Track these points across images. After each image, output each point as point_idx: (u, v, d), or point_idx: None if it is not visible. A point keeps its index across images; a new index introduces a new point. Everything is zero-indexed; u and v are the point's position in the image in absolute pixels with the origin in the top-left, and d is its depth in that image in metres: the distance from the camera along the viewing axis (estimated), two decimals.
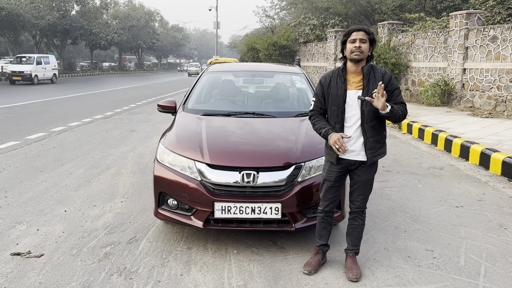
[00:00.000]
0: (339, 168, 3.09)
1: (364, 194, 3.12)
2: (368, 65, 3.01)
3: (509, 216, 4.41)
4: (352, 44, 2.94)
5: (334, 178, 3.11)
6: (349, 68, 3.04)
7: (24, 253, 3.45)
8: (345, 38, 3.00)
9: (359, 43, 2.91)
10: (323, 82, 3.12)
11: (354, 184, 3.12)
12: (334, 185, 3.14)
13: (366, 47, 2.93)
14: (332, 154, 3.07)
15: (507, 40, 10.33)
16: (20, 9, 31.35)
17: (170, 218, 3.58)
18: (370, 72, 2.99)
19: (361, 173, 3.07)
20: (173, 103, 4.77)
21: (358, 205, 3.15)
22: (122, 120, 11.33)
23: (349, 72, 3.04)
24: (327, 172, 3.14)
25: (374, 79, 2.96)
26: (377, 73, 2.99)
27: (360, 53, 2.91)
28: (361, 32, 2.93)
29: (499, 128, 8.59)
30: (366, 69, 2.99)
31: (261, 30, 36.00)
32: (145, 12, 57.39)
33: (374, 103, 2.84)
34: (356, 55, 2.92)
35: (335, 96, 3.02)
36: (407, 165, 6.50)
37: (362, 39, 2.92)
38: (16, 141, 8.09)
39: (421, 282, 3.07)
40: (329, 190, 3.15)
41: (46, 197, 4.87)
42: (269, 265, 3.30)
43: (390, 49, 14.76)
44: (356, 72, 3.01)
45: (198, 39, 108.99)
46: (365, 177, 3.08)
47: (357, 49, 2.91)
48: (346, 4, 22.01)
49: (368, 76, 2.98)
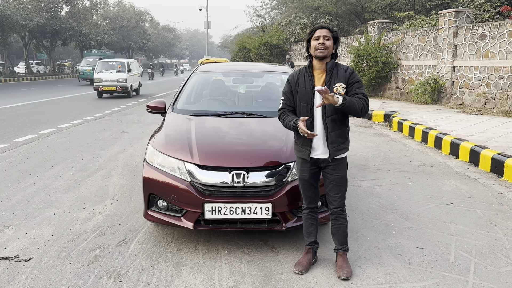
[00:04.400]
0: (310, 166, 3.14)
1: (340, 192, 3.15)
2: (332, 62, 3.07)
3: (499, 213, 4.44)
4: (316, 41, 3.01)
5: (308, 176, 3.16)
6: (315, 65, 3.10)
7: (12, 257, 3.41)
8: (309, 36, 3.07)
9: (323, 39, 2.98)
10: (291, 80, 3.18)
11: (329, 184, 3.15)
12: (310, 183, 3.18)
13: (330, 44, 3.00)
14: (304, 151, 3.11)
15: (496, 37, 10.42)
16: (9, 11, 31.03)
17: (160, 219, 3.56)
18: (334, 69, 3.06)
19: (332, 171, 3.11)
20: (162, 103, 4.74)
21: (337, 205, 3.17)
22: (112, 121, 11.25)
23: (315, 69, 3.10)
24: (301, 171, 3.19)
25: (337, 75, 3.04)
26: (340, 69, 3.07)
27: (324, 50, 2.98)
28: (324, 30, 3.02)
29: (489, 125, 8.66)
30: (330, 65, 3.06)
31: (252, 29, 35.97)
32: (135, 12, 57.10)
33: (323, 97, 2.86)
34: (320, 52, 2.99)
35: (304, 92, 3.07)
36: (398, 163, 6.53)
37: (325, 36, 3.00)
38: (4, 143, 8.01)
39: (411, 280, 3.08)
40: (307, 188, 3.20)
41: (35, 200, 4.82)
42: (260, 265, 3.29)
43: (380, 47, 14.82)
44: (321, 68, 3.08)
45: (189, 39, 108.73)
46: (337, 175, 3.11)
47: (321, 45, 2.97)
48: (336, 3, 22.05)
49: (331, 72, 3.05)
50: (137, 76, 19.98)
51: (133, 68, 19.73)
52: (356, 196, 4.92)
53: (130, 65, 19.15)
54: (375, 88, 15.57)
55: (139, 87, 20.42)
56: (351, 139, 3.27)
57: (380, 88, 15.63)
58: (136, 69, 20.11)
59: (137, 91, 20.18)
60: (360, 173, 5.90)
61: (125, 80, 17.93)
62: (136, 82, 19.90)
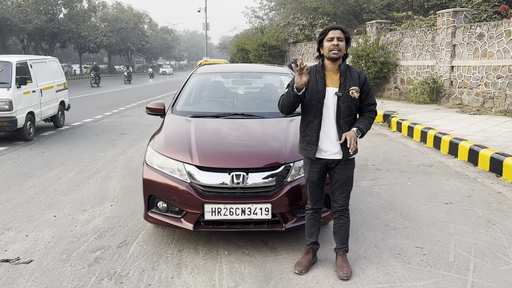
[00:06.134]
0: (319, 168, 3.14)
1: (345, 191, 3.17)
2: (344, 63, 3.09)
3: (498, 212, 4.45)
4: (330, 42, 3.00)
5: (316, 178, 3.16)
6: (327, 66, 3.10)
7: (12, 260, 3.42)
8: (322, 37, 3.06)
9: (337, 41, 2.98)
10: None
11: (335, 183, 3.16)
12: (317, 184, 3.19)
13: (343, 45, 3.01)
14: (309, 149, 3.11)
15: (494, 37, 10.44)
16: (7, 13, 31.06)
17: (160, 221, 3.57)
18: (347, 71, 3.08)
19: (340, 171, 3.12)
20: (161, 105, 4.75)
21: (341, 203, 3.19)
22: (112, 123, 11.26)
23: (327, 69, 3.10)
24: (308, 172, 3.19)
25: (351, 77, 3.06)
26: (353, 72, 3.09)
27: (338, 51, 2.99)
28: (338, 31, 3.01)
29: (487, 124, 8.68)
30: (343, 67, 3.08)
31: (250, 30, 36.03)
32: (133, 14, 57.09)
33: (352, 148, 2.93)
34: (334, 54, 2.99)
35: (315, 91, 3.07)
36: (397, 163, 6.54)
37: (339, 38, 2.99)
38: (4, 146, 8.01)
39: (411, 279, 3.09)
40: (314, 190, 3.21)
41: (35, 203, 4.82)
42: (260, 266, 3.30)
43: (378, 48, 14.85)
44: (333, 70, 3.08)
45: (188, 41, 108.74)
46: (345, 175, 3.13)
47: (335, 47, 2.97)
48: (334, 4, 22.10)
49: (345, 74, 3.06)
50: (54, 93, 10.23)
51: (42, 74, 9.70)
52: (356, 196, 4.94)
53: (30, 68, 9.11)
54: (373, 88, 15.59)
55: (59, 113, 10.51)
56: None
57: (379, 88, 15.65)
58: (51, 77, 10.19)
59: (56, 120, 10.39)
60: (359, 173, 5.91)
61: (9, 104, 8.06)
62: (53, 104, 10.11)
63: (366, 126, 3.07)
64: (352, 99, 3.03)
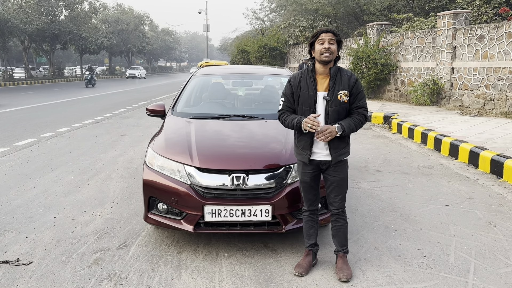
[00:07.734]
0: (312, 169, 3.14)
1: (341, 194, 3.16)
2: (336, 67, 3.07)
3: (498, 214, 4.45)
4: (321, 45, 2.97)
5: (309, 179, 3.17)
6: (318, 69, 3.08)
7: (12, 261, 3.41)
8: (313, 39, 3.04)
9: (328, 44, 2.96)
10: (292, 82, 3.16)
11: (330, 186, 3.16)
12: (311, 185, 3.19)
13: (334, 49, 2.99)
14: (304, 154, 3.11)
15: (494, 39, 10.44)
16: (8, 15, 31.09)
17: (160, 222, 3.56)
18: (337, 74, 3.05)
19: (334, 173, 3.12)
20: (162, 106, 4.75)
21: (337, 206, 3.18)
22: (112, 124, 11.26)
23: (317, 73, 3.08)
24: (302, 174, 3.19)
25: (341, 80, 3.04)
26: (343, 75, 3.06)
27: (330, 54, 2.96)
28: (329, 34, 2.98)
29: (488, 126, 8.67)
30: (334, 70, 3.05)
31: (251, 32, 36.01)
32: (134, 16, 57.18)
33: (322, 139, 2.96)
34: (325, 57, 2.96)
35: (307, 97, 3.06)
36: (397, 165, 6.53)
37: (330, 40, 2.97)
38: (4, 147, 8.01)
39: (411, 281, 3.08)
40: (308, 191, 3.21)
41: (35, 204, 4.82)
42: (260, 268, 3.30)
43: (379, 49, 14.85)
44: (324, 73, 3.06)
45: (188, 42, 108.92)
46: (338, 177, 3.12)
47: (327, 50, 2.95)
48: (335, 5, 22.11)
49: (335, 77, 3.04)
50: None
51: None
52: (356, 198, 4.93)
53: None
54: (374, 90, 15.59)
55: None
56: (351, 140, 3.28)
57: (379, 90, 15.65)
58: None
59: None
60: (359, 175, 5.90)
61: None
62: None
63: (350, 125, 3.03)
64: (341, 103, 3.02)
